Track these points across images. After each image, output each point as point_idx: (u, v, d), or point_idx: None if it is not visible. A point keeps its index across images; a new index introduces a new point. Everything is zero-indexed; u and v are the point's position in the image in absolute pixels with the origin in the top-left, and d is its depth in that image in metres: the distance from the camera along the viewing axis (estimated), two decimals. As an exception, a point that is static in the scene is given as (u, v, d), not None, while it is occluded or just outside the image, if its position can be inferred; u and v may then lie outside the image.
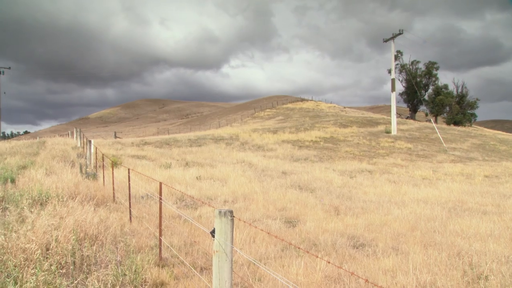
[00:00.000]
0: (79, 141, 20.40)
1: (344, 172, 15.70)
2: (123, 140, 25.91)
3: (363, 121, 38.42)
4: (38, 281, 2.85)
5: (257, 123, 43.00)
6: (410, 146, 25.83)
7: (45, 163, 12.32)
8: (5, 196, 6.61)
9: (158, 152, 19.47)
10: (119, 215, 6.12)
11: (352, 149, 24.05)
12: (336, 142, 26.48)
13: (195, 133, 33.87)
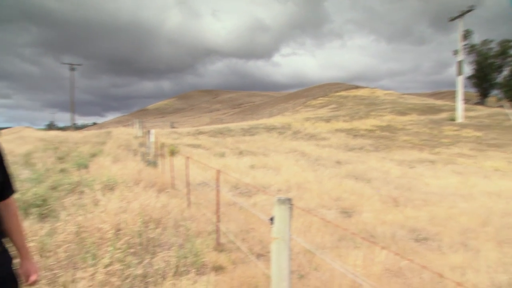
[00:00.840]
0: (140, 131, 21.79)
1: (403, 162, 14.88)
2: (179, 130, 27.13)
3: (423, 108, 35.93)
4: (112, 258, 3.11)
5: (309, 112, 42.33)
6: (479, 135, 23.64)
7: (112, 152, 13.38)
8: (81, 181, 7.29)
9: (212, 141, 20.09)
10: (178, 201, 6.44)
11: (411, 138, 22.66)
12: (393, 131, 25.14)
13: (247, 122, 34.33)
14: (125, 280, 2.93)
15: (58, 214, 4.73)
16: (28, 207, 4.86)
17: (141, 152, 13.41)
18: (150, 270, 3.23)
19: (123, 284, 2.87)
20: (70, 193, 6.47)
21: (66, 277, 2.74)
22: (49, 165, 9.72)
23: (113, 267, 2.98)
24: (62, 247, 3.23)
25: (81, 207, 4.90)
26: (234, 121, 48.22)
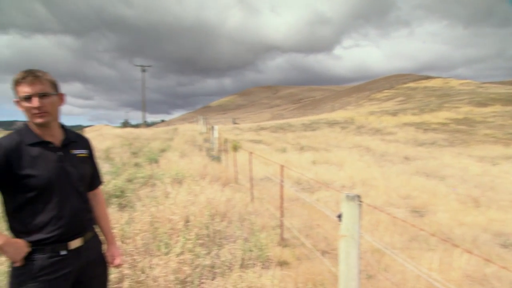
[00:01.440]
0: (204, 127, 22.75)
1: (483, 158, 13.43)
2: (241, 126, 27.78)
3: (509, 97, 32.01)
4: (183, 248, 3.28)
5: (374, 105, 40.33)
6: None
7: (179, 147, 14.16)
8: (152, 174, 7.84)
9: (274, 136, 20.19)
10: (241, 195, 6.58)
11: (494, 131, 20.34)
12: (471, 124, 22.82)
13: (308, 117, 33.86)
14: (195, 269, 3.07)
15: (134, 205, 5.13)
16: (109, 198, 5.35)
17: (206, 148, 14.01)
18: (217, 261, 3.34)
19: (193, 272, 3.01)
20: (144, 185, 6.99)
21: (143, 263, 2.96)
22: (125, 160, 10.58)
23: (184, 257, 3.14)
24: (139, 235, 3.49)
25: (153, 199, 5.26)
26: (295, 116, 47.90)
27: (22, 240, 1.49)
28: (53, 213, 1.53)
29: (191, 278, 2.93)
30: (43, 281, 1.49)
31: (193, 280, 2.90)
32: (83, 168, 1.68)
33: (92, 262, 1.68)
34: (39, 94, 1.49)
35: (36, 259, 1.49)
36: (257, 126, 25.11)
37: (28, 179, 1.47)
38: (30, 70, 1.50)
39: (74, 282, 1.62)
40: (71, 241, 1.58)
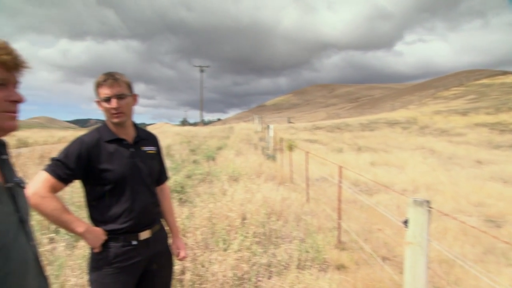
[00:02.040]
0: (260, 126, 22.99)
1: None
2: (295, 125, 27.59)
3: None
4: (240, 245, 3.34)
5: (440, 104, 37.46)
6: None
7: (234, 145, 14.48)
8: (210, 171, 8.11)
9: (329, 136, 19.74)
10: (297, 195, 6.52)
11: None
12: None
13: (366, 117, 32.54)
14: (252, 267, 3.10)
15: (193, 200, 5.35)
16: (170, 193, 5.64)
17: (261, 146, 14.15)
18: (273, 260, 3.34)
19: (251, 270, 3.04)
20: (202, 182, 7.26)
21: (203, 257, 3.07)
22: (184, 157, 11.08)
23: (242, 254, 3.19)
24: (199, 230, 3.62)
25: (211, 195, 5.43)
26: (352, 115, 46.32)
27: (100, 228, 1.62)
28: (126, 206, 1.64)
29: (248, 276, 2.97)
30: (117, 267, 1.61)
31: (250, 278, 2.93)
32: (152, 164, 1.78)
33: (159, 253, 1.77)
34: (117, 95, 1.61)
35: (111, 247, 1.61)
36: (312, 126, 24.75)
37: (105, 173, 1.60)
38: (110, 73, 1.63)
39: (143, 271, 1.72)
40: (141, 232, 1.68)
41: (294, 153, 11.42)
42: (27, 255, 0.96)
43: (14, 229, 0.91)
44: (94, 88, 1.64)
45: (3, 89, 0.90)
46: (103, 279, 1.61)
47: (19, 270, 0.91)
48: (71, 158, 1.57)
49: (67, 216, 1.56)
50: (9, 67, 0.90)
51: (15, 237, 0.91)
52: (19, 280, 0.91)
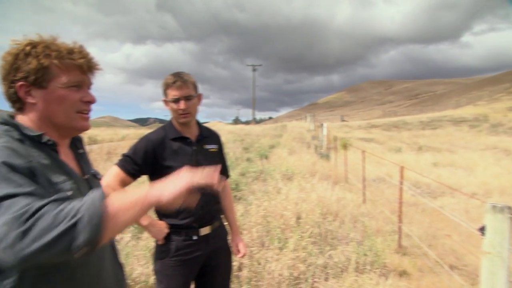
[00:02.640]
0: (312, 125, 22.65)
1: None
2: (349, 123, 26.73)
3: None
4: (296, 244, 3.30)
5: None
6: None
7: (287, 144, 14.40)
8: (263, 169, 8.16)
9: (386, 135, 18.81)
10: (353, 196, 6.30)
11: None
12: None
13: (427, 114, 30.46)
14: (308, 267, 3.05)
15: (247, 198, 5.41)
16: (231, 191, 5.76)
17: (314, 145, 13.91)
18: (330, 262, 3.25)
19: (307, 270, 2.99)
20: (255, 180, 7.32)
21: (259, 255, 3.08)
22: (237, 155, 11.26)
23: (298, 254, 3.15)
24: (254, 228, 3.65)
25: (265, 194, 5.45)
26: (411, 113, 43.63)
27: (163, 222, 1.69)
28: None
29: (305, 276, 2.92)
30: (179, 260, 1.67)
31: (306, 278, 2.89)
32: (214, 161, 1.81)
33: (218, 249, 1.81)
34: (185, 97, 1.66)
35: (173, 240, 1.68)
36: (368, 124, 23.77)
37: (169, 169, 1.66)
38: (178, 74, 1.68)
39: (203, 265, 1.77)
40: (201, 228, 1.72)
41: (348, 152, 11.08)
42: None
43: None
44: (163, 88, 1.71)
45: (78, 90, 0.97)
46: (166, 270, 1.68)
47: (98, 256, 0.98)
48: (139, 155, 1.66)
49: None
50: (84, 70, 0.97)
51: None
52: (98, 265, 0.98)
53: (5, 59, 0.89)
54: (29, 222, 0.65)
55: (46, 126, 0.94)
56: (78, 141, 1.09)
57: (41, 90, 0.91)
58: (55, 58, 0.90)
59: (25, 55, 0.88)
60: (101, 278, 0.99)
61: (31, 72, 0.88)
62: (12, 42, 0.90)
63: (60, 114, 0.94)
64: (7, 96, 0.92)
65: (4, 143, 0.81)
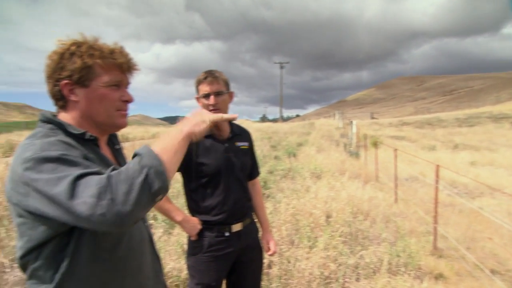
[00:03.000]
0: (341, 122, 22.26)
1: None
2: (380, 121, 26.00)
3: None
4: (326, 243, 3.25)
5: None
6: None
7: (315, 142, 14.23)
8: (291, 167, 8.10)
9: (419, 133, 18.13)
10: (384, 195, 6.12)
11: None
12: None
13: (463, 111, 29.05)
14: (339, 267, 2.99)
15: (275, 196, 5.40)
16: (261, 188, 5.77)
17: (343, 143, 13.66)
18: (361, 262, 3.17)
19: (338, 270, 2.94)
20: (284, 178, 7.28)
21: (289, 253, 3.06)
22: (265, 152, 11.26)
23: (328, 253, 3.10)
24: (284, 226, 3.63)
25: (294, 192, 5.41)
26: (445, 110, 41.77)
27: (196, 218, 1.71)
28: (219, 199, 1.70)
29: (335, 276, 2.87)
30: (211, 255, 1.68)
31: (337, 278, 2.83)
32: (244, 159, 1.81)
33: (249, 246, 1.81)
34: (215, 93, 1.68)
35: (206, 236, 1.69)
36: (399, 121, 23.02)
37: (202, 166, 1.68)
38: (210, 71, 1.71)
39: (234, 262, 1.77)
40: (233, 225, 1.73)
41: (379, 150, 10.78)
42: (144, 234, 1.07)
43: None
44: (195, 85, 1.74)
45: (118, 89, 1.00)
46: (199, 265, 1.70)
47: (139, 247, 1.02)
48: None
49: (168, 205, 1.68)
50: (124, 69, 1.00)
51: None
52: (139, 256, 1.02)
53: (51, 58, 0.93)
54: (112, 189, 0.73)
55: (87, 124, 0.97)
56: (114, 137, 1.13)
57: (84, 88, 0.94)
58: (98, 58, 0.93)
59: (70, 55, 0.92)
60: (142, 270, 1.02)
61: (76, 71, 0.91)
62: (58, 42, 0.94)
63: (101, 112, 0.97)
64: (51, 94, 0.95)
65: (59, 138, 0.86)
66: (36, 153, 0.78)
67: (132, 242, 0.99)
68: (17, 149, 0.84)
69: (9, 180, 0.83)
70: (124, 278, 0.96)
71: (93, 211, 0.71)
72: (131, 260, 0.98)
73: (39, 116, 0.95)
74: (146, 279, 1.04)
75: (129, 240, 0.98)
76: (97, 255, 0.89)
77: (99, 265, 0.90)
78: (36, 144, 0.82)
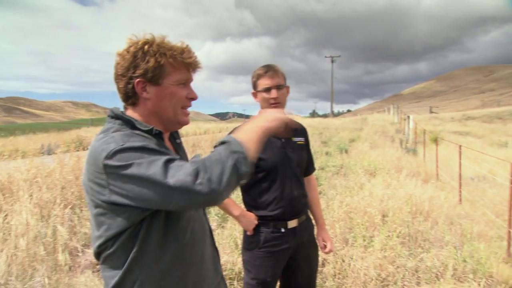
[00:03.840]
0: (396, 117, 21.12)
1: None
2: (440, 115, 24.23)
3: None
4: (382, 244, 3.10)
5: None
6: None
7: (368, 138, 13.67)
8: (343, 164, 7.88)
9: (487, 128, 16.60)
10: (446, 195, 5.69)
11: None
12: None
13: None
14: (397, 269, 2.84)
15: (327, 193, 5.28)
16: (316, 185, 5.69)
17: (399, 139, 12.95)
18: (421, 266, 2.98)
19: (396, 272, 2.79)
20: (336, 174, 7.10)
21: (343, 251, 2.98)
22: (316, 148, 11.07)
23: (385, 254, 2.96)
24: (337, 223, 3.53)
25: (347, 189, 5.25)
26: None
27: (252, 213, 1.71)
28: (276, 194, 1.69)
29: (393, 278, 2.73)
30: (267, 251, 1.68)
31: (395, 281, 2.69)
32: (301, 154, 1.78)
33: (305, 243, 1.77)
34: (276, 86, 1.67)
35: (262, 232, 1.69)
36: (462, 116, 21.27)
37: (259, 161, 1.67)
38: (270, 65, 1.70)
39: (290, 258, 1.75)
40: (289, 221, 1.71)
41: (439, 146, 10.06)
42: (205, 226, 1.11)
43: None
44: (253, 80, 1.73)
45: (184, 87, 1.03)
46: (254, 260, 1.70)
47: (201, 238, 1.05)
48: None
49: (227, 199, 1.70)
50: (191, 68, 1.03)
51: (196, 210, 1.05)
52: (201, 246, 1.05)
53: (124, 57, 0.97)
54: (207, 169, 0.80)
55: (153, 120, 1.01)
56: (176, 132, 1.17)
57: (156, 86, 0.98)
58: (170, 57, 0.97)
59: (143, 54, 0.95)
60: (204, 260, 1.05)
61: (149, 69, 0.95)
62: (129, 41, 0.98)
63: (169, 109, 1.01)
64: (123, 92, 0.99)
65: (134, 131, 0.92)
66: (119, 145, 0.83)
67: (196, 232, 1.02)
68: (92, 144, 0.90)
69: (86, 173, 0.89)
70: (188, 266, 0.99)
71: (192, 187, 0.77)
72: (195, 250, 1.01)
73: (108, 113, 1.00)
74: (207, 270, 1.07)
75: (192, 230, 1.01)
76: (164, 242, 0.93)
77: (166, 252, 0.94)
78: (115, 136, 0.87)
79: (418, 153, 10.15)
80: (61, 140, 12.60)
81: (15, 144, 11.13)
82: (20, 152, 9.11)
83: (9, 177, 4.83)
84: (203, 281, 1.04)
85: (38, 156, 8.58)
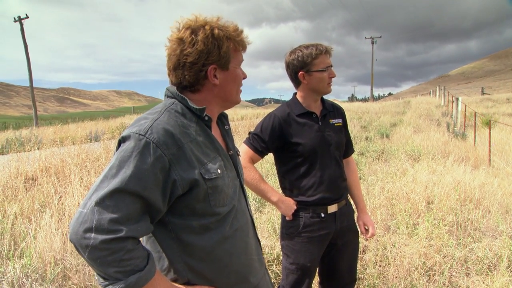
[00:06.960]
0: (442, 100, 19.87)
1: None
2: (493, 96, 22.44)
3: None
4: (428, 231, 2.95)
5: None
6: None
7: (412, 121, 12.99)
8: (384, 149, 7.57)
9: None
10: (500, 181, 5.29)
11: None
12: None
13: None
14: (444, 259, 2.69)
15: (367, 178, 5.11)
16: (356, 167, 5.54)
17: (446, 122, 12.20)
18: (471, 256, 2.81)
19: (443, 261, 2.65)
20: (376, 159, 6.85)
21: (385, 238, 2.87)
22: (355, 133, 10.75)
23: (430, 242, 2.82)
24: (378, 210, 3.41)
25: (388, 174, 5.04)
26: None
27: (291, 199, 1.68)
28: (315, 179, 1.64)
29: (440, 268, 2.59)
30: (306, 236, 1.65)
31: (442, 271, 2.56)
32: (339, 136, 1.71)
33: (345, 228, 1.72)
34: (331, 65, 1.63)
35: (301, 217, 1.66)
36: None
37: (296, 146, 1.63)
38: (321, 44, 1.62)
39: (329, 244, 1.71)
40: (329, 206, 1.66)
41: (493, 130, 9.33)
42: (247, 216, 1.08)
43: (238, 193, 1.02)
44: (307, 59, 1.61)
45: (239, 68, 1.04)
46: (294, 245, 1.68)
47: (244, 228, 1.03)
48: (266, 132, 1.66)
49: (264, 186, 1.67)
50: (244, 48, 1.04)
51: (239, 200, 1.03)
52: (244, 236, 1.03)
53: (190, 44, 0.92)
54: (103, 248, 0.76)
55: (214, 104, 1.01)
56: (224, 118, 1.13)
57: (224, 71, 0.98)
58: (234, 42, 0.97)
59: (214, 40, 0.93)
60: (247, 251, 1.03)
61: (221, 55, 0.95)
62: (186, 23, 0.94)
63: (234, 91, 1.02)
64: (193, 79, 0.95)
65: (165, 125, 0.86)
66: (133, 132, 0.83)
67: (238, 222, 1.00)
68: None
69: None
70: (230, 257, 0.97)
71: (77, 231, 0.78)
72: (238, 240, 0.99)
73: (165, 92, 1.00)
74: (252, 261, 1.05)
75: (234, 221, 0.99)
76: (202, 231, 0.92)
77: (207, 240, 0.93)
78: (148, 119, 0.88)
79: (468, 137, 9.51)
80: (107, 127, 13.29)
81: (66, 132, 11.92)
82: (70, 139, 9.73)
83: (61, 162, 5.18)
84: (248, 271, 1.03)
85: (86, 142, 9.12)
